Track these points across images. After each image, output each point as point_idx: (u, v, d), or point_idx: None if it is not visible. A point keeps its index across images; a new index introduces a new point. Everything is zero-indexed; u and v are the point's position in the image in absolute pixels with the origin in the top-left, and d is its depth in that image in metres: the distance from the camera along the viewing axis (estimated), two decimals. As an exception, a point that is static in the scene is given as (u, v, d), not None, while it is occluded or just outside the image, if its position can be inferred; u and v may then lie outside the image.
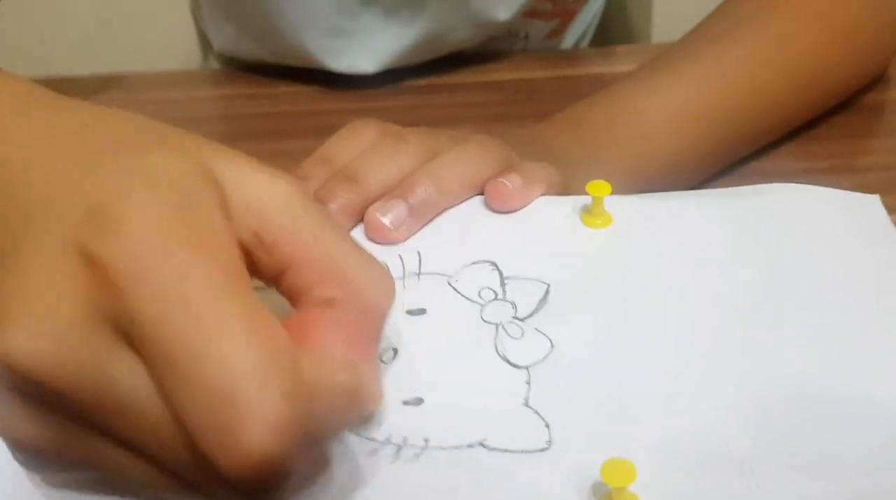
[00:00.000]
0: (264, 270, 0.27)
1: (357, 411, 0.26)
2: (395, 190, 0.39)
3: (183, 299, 0.23)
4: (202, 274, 0.23)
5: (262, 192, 0.26)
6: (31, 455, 0.26)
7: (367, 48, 0.60)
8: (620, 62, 0.64)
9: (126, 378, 0.23)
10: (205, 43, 0.74)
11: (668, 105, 0.48)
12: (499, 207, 0.39)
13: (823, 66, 0.51)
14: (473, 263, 0.38)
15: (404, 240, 0.39)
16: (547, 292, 0.36)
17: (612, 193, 0.38)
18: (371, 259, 0.27)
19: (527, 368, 0.33)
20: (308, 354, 0.24)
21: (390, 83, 0.61)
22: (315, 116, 0.59)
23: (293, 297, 0.27)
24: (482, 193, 0.40)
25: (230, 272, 0.24)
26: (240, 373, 0.22)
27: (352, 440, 0.31)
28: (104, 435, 0.25)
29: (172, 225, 0.24)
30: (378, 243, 0.39)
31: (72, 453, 0.26)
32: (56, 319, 0.23)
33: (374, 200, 0.39)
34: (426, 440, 0.31)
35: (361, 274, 0.27)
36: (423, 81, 0.61)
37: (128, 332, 0.23)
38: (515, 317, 0.35)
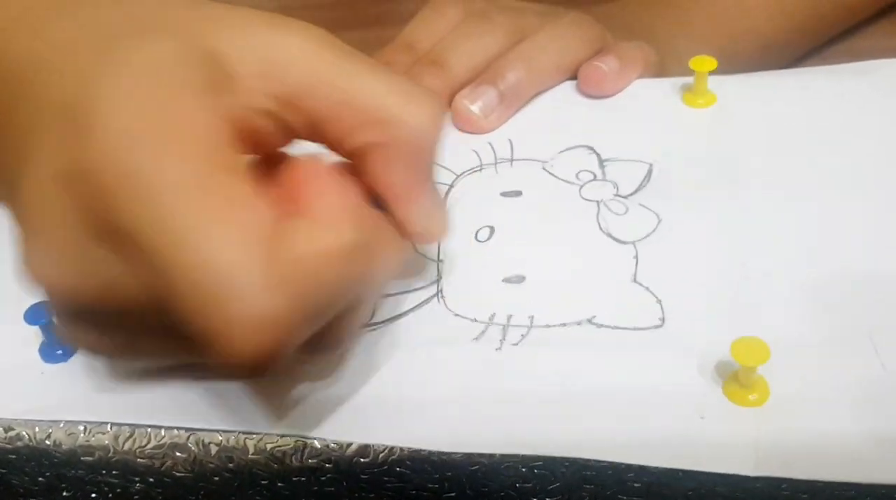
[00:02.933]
0: (300, 130, 0.26)
1: (361, 267, 0.24)
2: (485, 75, 0.37)
3: (154, 197, 0.21)
4: (173, 170, 0.22)
5: (272, 53, 0.25)
6: (95, 357, 0.28)
7: None
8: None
9: (130, 282, 0.23)
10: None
11: None
12: (594, 91, 0.37)
13: None
14: (569, 148, 0.36)
15: (495, 128, 0.37)
16: (650, 170, 0.34)
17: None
18: (408, 87, 0.26)
19: (633, 243, 0.32)
20: (299, 221, 0.23)
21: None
22: (370, 4, 0.56)
23: (336, 150, 0.26)
24: (575, 77, 0.38)
25: (204, 162, 0.22)
26: (218, 270, 0.21)
27: (457, 323, 0.30)
28: (142, 330, 0.25)
29: (144, 123, 0.22)
30: (467, 132, 0.37)
31: (121, 349, 0.26)
32: (60, 245, 0.23)
33: (462, 86, 0.37)
34: (531, 318, 0.30)
35: (397, 109, 0.25)
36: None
37: (117, 242, 0.22)
38: (617, 195, 0.34)
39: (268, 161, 0.26)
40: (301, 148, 0.27)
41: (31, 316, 0.29)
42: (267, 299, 0.21)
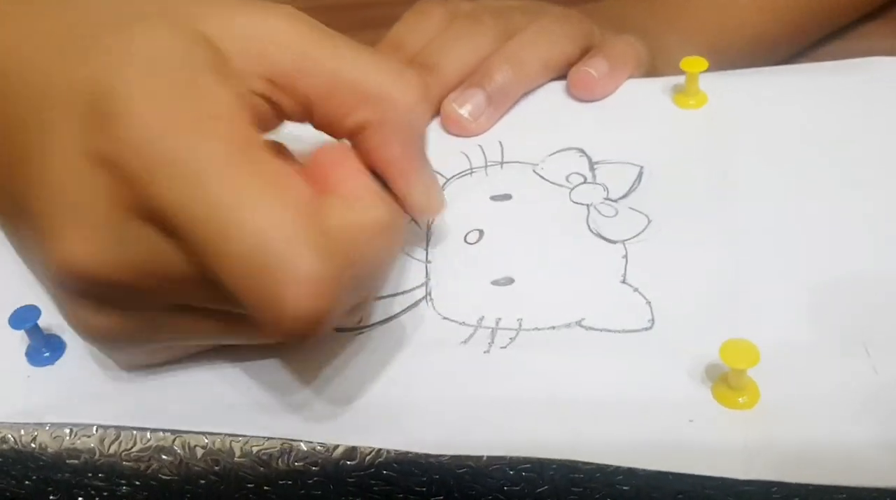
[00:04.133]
0: (291, 112, 0.27)
1: (395, 243, 0.26)
2: (472, 77, 0.37)
3: (196, 178, 0.22)
4: (210, 150, 0.23)
5: (260, 35, 0.25)
6: (108, 343, 0.27)
7: None
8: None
9: (174, 258, 0.24)
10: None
11: None
12: (584, 96, 0.37)
13: None
14: (559, 150, 0.36)
15: (485, 131, 0.37)
16: (640, 173, 0.34)
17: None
18: (394, 66, 0.27)
19: (623, 242, 0.32)
20: (334, 198, 0.24)
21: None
22: (361, 8, 0.56)
23: (328, 130, 0.27)
24: (565, 76, 0.38)
25: (237, 141, 0.23)
26: (268, 238, 0.22)
27: (445, 326, 0.30)
28: (168, 309, 0.26)
29: (172, 107, 0.23)
30: (457, 136, 0.37)
31: (142, 330, 0.26)
32: (96, 223, 0.24)
33: (452, 89, 0.37)
34: (520, 321, 0.30)
35: (389, 87, 0.26)
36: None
37: (158, 220, 0.23)
38: (608, 198, 0.33)
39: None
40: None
41: (16, 321, 0.29)
42: (318, 263, 0.22)
